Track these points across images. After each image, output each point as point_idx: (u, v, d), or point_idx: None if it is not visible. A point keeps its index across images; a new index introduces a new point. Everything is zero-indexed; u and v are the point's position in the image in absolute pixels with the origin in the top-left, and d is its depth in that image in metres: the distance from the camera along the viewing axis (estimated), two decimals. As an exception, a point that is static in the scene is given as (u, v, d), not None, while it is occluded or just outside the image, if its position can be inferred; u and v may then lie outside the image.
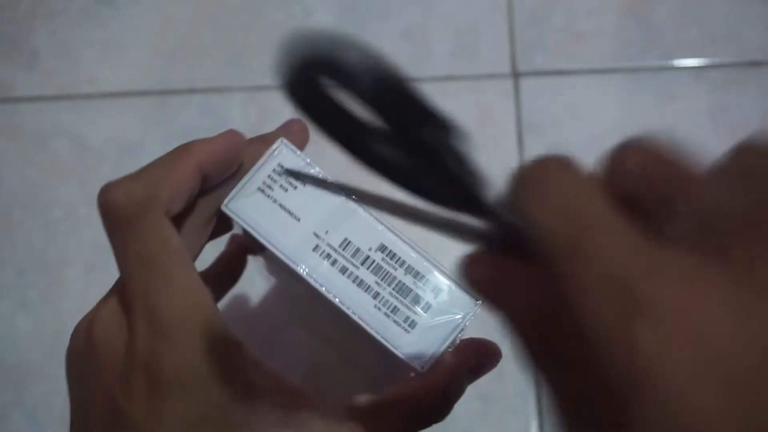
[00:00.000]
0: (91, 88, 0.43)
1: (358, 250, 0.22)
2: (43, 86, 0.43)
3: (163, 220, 0.18)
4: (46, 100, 0.43)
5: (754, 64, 0.41)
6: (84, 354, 0.18)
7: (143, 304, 0.17)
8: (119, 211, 0.17)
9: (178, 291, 0.17)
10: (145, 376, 0.17)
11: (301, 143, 0.25)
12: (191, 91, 0.42)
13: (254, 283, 0.35)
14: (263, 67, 0.42)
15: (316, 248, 0.22)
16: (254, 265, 0.30)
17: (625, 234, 0.11)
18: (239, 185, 0.23)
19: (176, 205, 0.19)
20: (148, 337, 0.17)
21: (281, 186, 0.23)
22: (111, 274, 0.38)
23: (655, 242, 0.11)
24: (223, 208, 0.22)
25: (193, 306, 0.17)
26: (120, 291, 0.19)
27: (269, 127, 0.44)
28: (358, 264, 0.22)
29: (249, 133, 0.42)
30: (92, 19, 0.44)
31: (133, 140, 0.41)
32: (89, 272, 0.39)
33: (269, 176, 0.23)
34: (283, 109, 0.41)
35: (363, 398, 0.20)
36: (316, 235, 0.22)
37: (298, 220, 0.22)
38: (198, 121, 0.41)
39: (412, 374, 0.21)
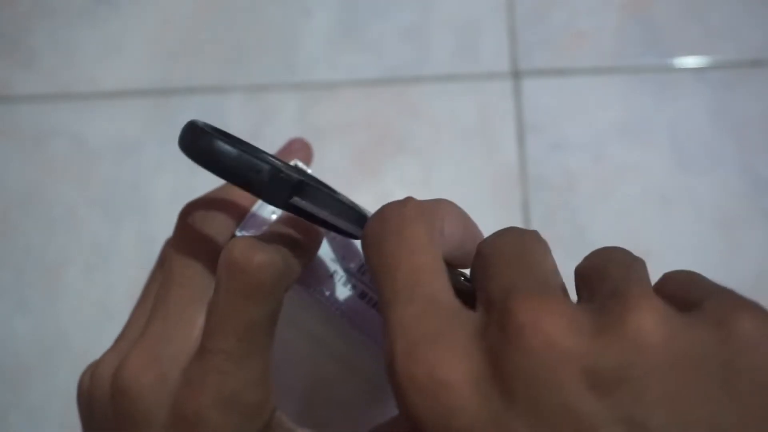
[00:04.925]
0: (90, 88, 0.43)
1: None
2: (42, 85, 0.43)
3: (282, 298, 0.18)
4: (46, 99, 0.43)
5: (755, 63, 0.41)
6: (111, 401, 0.18)
7: (220, 366, 0.17)
8: (260, 275, 0.16)
9: (258, 365, 0.17)
10: None
11: (304, 161, 0.25)
12: (191, 90, 0.42)
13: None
14: (263, 66, 0.42)
15: (333, 274, 0.21)
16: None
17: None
18: (250, 214, 0.22)
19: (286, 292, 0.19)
20: (209, 401, 0.16)
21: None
22: (110, 274, 0.38)
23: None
24: (237, 233, 0.21)
25: (262, 381, 0.17)
26: (154, 338, 0.18)
27: (268, 127, 0.44)
28: (376, 289, 0.21)
29: (248, 133, 0.42)
30: (92, 19, 0.44)
31: (133, 139, 0.41)
32: (88, 272, 0.39)
33: (274, 210, 0.22)
34: (282, 109, 0.41)
35: None
36: (332, 260, 0.22)
37: None
38: (197, 121, 0.41)
39: None
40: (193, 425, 0.16)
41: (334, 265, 0.22)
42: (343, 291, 0.21)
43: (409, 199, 0.16)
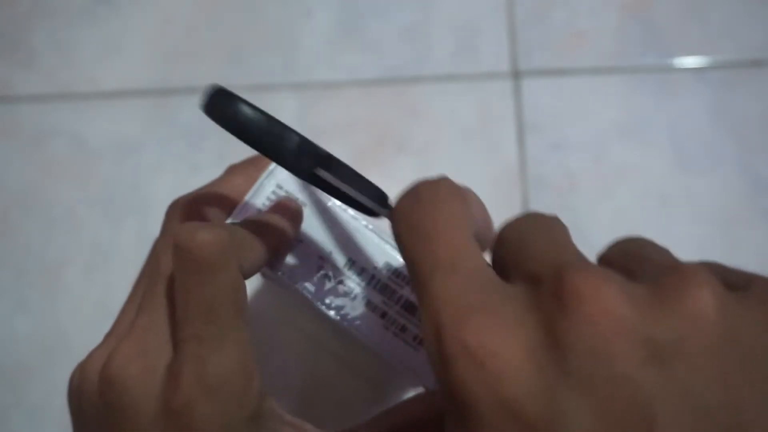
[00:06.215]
0: (90, 88, 0.43)
1: (363, 269, 0.22)
2: (42, 85, 0.43)
3: (239, 273, 0.18)
4: (45, 99, 0.43)
5: (755, 63, 0.41)
6: (99, 395, 0.18)
7: (195, 353, 0.17)
8: (204, 253, 0.16)
9: (233, 348, 0.17)
10: (177, 428, 0.16)
11: None
12: (191, 90, 0.42)
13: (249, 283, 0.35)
14: (263, 66, 0.42)
15: (320, 269, 0.22)
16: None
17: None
18: (237, 208, 0.22)
19: (248, 274, 0.19)
20: (192, 390, 0.16)
21: None
22: (110, 274, 0.38)
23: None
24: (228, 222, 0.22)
25: (242, 365, 0.17)
26: (141, 331, 0.18)
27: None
28: (364, 284, 0.22)
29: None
30: (91, 18, 0.44)
31: (133, 139, 0.41)
32: (88, 272, 0.39)
33: (268, 198, 0.22)
34: (282, 109, 0.41)
35: None
36: (320, 257, 0.22)
37: (301, 242, 0.22)
38: (197, 121, 0.41)
39: (421, 390, 0.21)
40: (181, 416, 0.16)
41: (321, 262, 0.22)
42: (330, 287, 0.22)
43: (443, 177, 0.16)
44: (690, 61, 0.41)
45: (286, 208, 0.21)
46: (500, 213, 0.38)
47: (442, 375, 0.12)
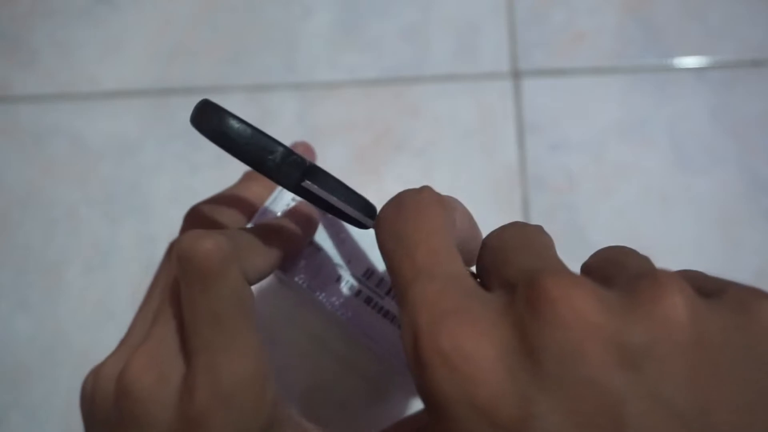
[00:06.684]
0: (90, 87, 0.43)
1: (382, 280, 0.22)
2: (42, 85, 0.43)
3: (243, 280, 0.18)
4: (46, 99, 0.43)
5: (755, 63, 0.41)
6: (113, 403, 0.18)
7: (207, 363, 0.17)
8: (205, 262, 0.16)
9: (245, 355, 0.17)
10: None
11: None
12: (191, 90, 0.42)
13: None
14: (263, 66, 0.42)
15: (339, 279, 0.22)
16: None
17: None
18: (257, 214, 0.22)
19: (253, 280, 0.19)
20: (207, 400, 0.16)
21: None
22: (110, 274, 0.38)
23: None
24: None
25: (255, 373, 0.17)
26: (156, 340, 0.18)
27: (268, 127, 0.43)
28: (382, 294, 0.21)
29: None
30: (92, 18, 0.44)
31: (133, 139, 0.41)
32: (89, 272, 0.39)
33: (287, 204, 0.22)
34: (282, 109, 0.41)
35: None
36: (338, 265, 0.22)
37: (320, 250, 0.22)
38: (197, 121, 0.41)
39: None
40: (196, 426, 0.16)
41: (340, 271, 0.22)
42: (349, 296, 0.22)
43: (425, 187, 0.16)
44: (690, 61, 0.41)
45: (300, 214, 0.21)
46: (500, 213, 0.39)
47: (419, 379, 0.12)
